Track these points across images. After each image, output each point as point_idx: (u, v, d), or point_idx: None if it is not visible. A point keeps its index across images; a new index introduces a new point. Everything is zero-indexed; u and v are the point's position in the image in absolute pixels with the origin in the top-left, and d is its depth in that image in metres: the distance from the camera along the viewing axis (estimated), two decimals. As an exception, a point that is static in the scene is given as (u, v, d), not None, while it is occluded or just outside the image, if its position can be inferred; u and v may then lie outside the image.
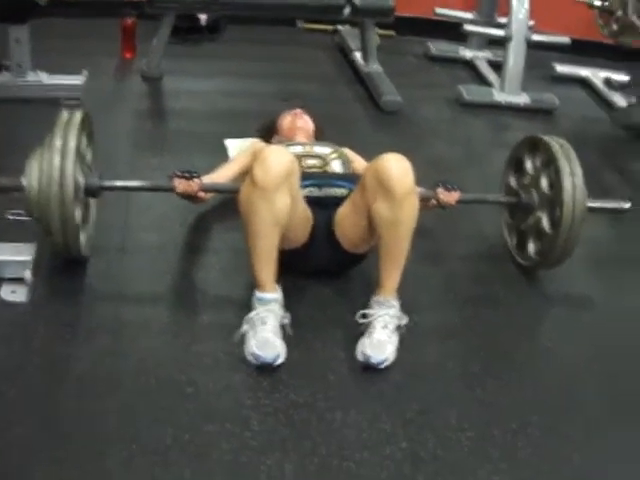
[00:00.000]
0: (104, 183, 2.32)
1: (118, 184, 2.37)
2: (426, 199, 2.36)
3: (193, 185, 2.31)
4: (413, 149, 3.28)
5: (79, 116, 2.25)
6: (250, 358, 2.03)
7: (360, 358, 2.08)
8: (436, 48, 4.26)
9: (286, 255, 2.18)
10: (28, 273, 2.20)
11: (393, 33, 4.33)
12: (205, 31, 4.03)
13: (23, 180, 2.14)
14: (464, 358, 2.19)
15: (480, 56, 4.22)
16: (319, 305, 2.31)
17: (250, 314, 2.08)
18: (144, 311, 2.23)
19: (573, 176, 2.41)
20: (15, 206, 2.27)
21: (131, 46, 3.77)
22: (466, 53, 4.25)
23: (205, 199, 2.41)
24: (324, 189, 2.37)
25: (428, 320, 2.30)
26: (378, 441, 1.86)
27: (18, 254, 2.24)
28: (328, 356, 2.12)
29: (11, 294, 2.19)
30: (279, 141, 2.87)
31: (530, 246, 2.58)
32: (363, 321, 2.15)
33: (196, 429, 1.82)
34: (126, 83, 3.70)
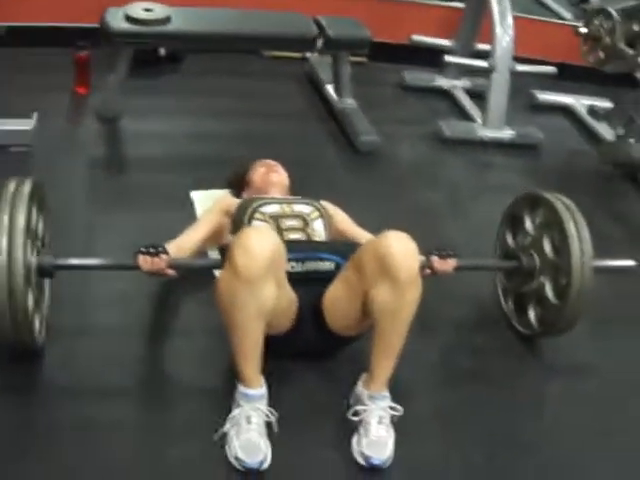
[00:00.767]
0: (59, 262, 2.06)
1: (75, 262, 2.10)
2: (420, 269, 2.13)
3: (160, 262, 2.06)
4: (394, 196, 3.12)
5: (28, 186, 1.98)
6: (234, 462, 1.83)
7: (359, 459, 1.90)
8: (411, 77, 4.03)
9: (268, 340, 1.94)
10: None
11: (365, 59, 4.09)
12: (164, 61, 3.74)
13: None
14: (466, 447, 2.01)
15: (457, 85, 4.01)
16: (305, 393, 2.09)
17: (233, 412, 1.88)
18: (109, 408, 1.98)
19: (581, 242, 2.22)
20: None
21: (85, 81, 3.47)
22: (442, 82, 4.03)
23: (173, 276, 2.14)
24: (307, 263, 2.12)
25: (424, 405, 2.12)
26: None
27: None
28: (319, 456, 1.92)
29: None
30: (251, 195, 2.63)
31: (531, 313, 2.38)
32: (356, 418, 1.94)
33: None
34: (80, 125, 3.40)
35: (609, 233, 3.05)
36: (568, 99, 4.08)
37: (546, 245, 2.32)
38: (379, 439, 1.89)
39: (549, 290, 2.31)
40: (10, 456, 1.79)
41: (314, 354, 2.17)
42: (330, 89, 3.69)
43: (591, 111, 3.98)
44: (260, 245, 1.77)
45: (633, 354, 2.48)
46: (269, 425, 1.88)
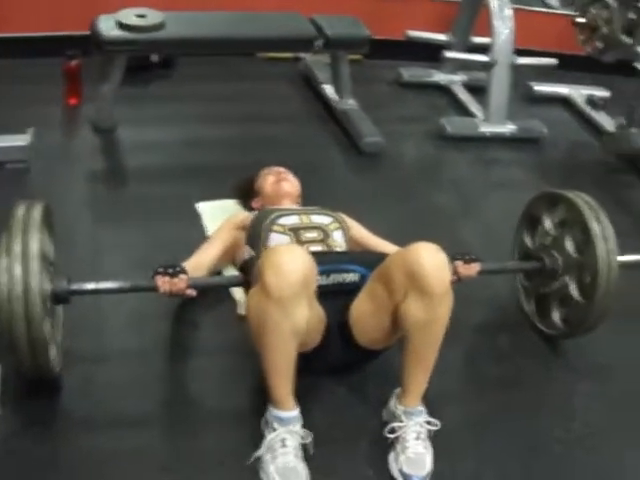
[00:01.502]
0: (74, 287, 1.96)
1: (90, 287, 1.99)
2: None
3: (179, 283, 1.98)
4: (402, 198, 3.06)
5: (39, 210, 1.89)
6: None
7: (399, 478, 1.84)
8: (408, 74, 3.96)
9: (297, 358, 1.86)
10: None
11: (360, 57, 4.01)
12: (156, 68, 3.63)
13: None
14: (501, 460, 1.96)
15: (455, 80, 3.95)
16: (336, 409, 2.03)
17: (268, 436, 1.81)
18: (132, 438, 1.90)
19: (606, 241, 2.17)
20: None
21: (76, 91, 3.35)
22: (440, 77, 3.97)
23: (193, 296, 2.06)
24: (333, 276, 2.04)
25: (455, 416, 2.05)
26: None
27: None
28: (356, 475, 1.85)
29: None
30: (262, 206, 2.57)
31: (555, 314, 2.34)
32: (392, 436, 1.89)
33: None
34: (76, 137, 3.29)
35: (617, 224, 3.00)
36: (565, 89, 4.03)
37: (568, 244, 2.28)
38: (417, 456, 1.85)
39: (574, 289, 2.26)
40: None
41: (341, 369, 2.10)
42: (328, 89, 3.61)
43: (590, 101, 3.93)
44: (292, 264, 1.70)
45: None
46: (304, 447, 1.82)
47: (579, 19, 3.58)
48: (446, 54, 3.53)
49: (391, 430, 1.89)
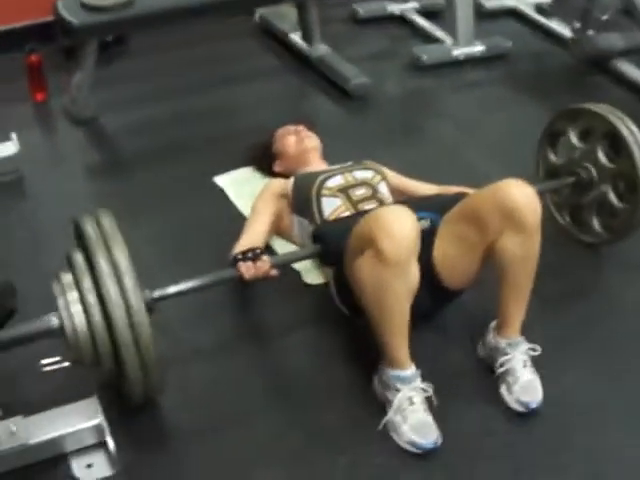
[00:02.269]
0: (157, 294, 1.86)
1: (173, 290, 1.90)
2: None
3: (263, 265, 1.94)
4: (405, 136, 3.09)
5: (109, 219, 1.77)
6: (407, 447, 1.81)
7: (516, 407, 1.91)
8: (364, 10, 3.89)
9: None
10: (109, 440, 1.75)
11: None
12: (111, 46, 3.44)
13: (54, 319, 1.70)
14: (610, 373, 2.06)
15: (409, 8, 3.92)
16: (434, 357, 2.05)
17: (394, 398, 1.83)
18: (249, 438, 1.85)
19: (638, 141, 2.25)
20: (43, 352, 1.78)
21: (41, 86, 3.14)
22: (394, 8, 3.92)
23: (276, 275, 2.02)
24: None
25: (537, 337, 2.04)
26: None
27: (83, 418, 1.76)
28: (477, 415, 1.91)
29: (87, 470, 1.74)
30: (287, 168, 2.53)
31: (595, 222, 2.43)
32: (502, 369, 1.95)
33: None
34: (57, 134, 3.12)
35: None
36: (512, 1, 4.06)
37: (600, 154, 2.35)
38: (530, 383, 1.92)
39: (613, 197, 2.35)
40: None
41: (430, 314, 2.13)
42: (295, 38, 3.52)
43: (539, 9, 3.99)
44: (405, 228, 1.71)
45: None
46: (428, 401, 1.85)
47: None
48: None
49: (501, 364, 1.94)
